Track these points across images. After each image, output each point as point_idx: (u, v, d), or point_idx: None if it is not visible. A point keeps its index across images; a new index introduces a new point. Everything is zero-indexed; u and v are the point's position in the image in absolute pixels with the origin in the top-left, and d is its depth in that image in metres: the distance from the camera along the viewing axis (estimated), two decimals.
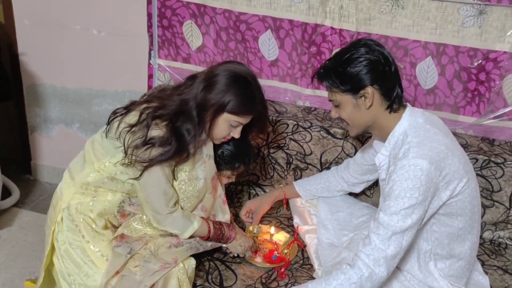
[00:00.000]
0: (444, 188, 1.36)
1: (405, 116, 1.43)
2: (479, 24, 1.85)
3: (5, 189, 2.50)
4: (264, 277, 1.62)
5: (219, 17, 2.08)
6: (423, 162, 1.31)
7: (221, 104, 1.50)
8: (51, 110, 2.55)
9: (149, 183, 1.50)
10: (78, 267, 1.54)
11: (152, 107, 1.51)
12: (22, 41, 2.43)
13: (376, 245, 1.32)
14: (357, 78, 1.39)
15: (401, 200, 1.31)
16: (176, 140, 1.49)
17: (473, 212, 1.44)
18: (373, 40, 1.45)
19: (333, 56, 1.48)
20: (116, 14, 2.26)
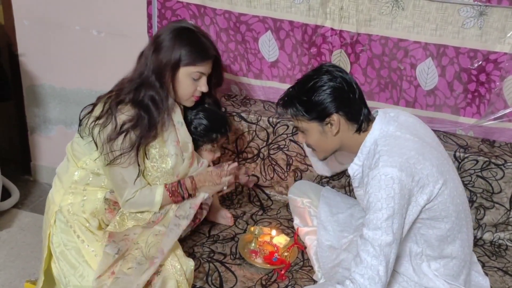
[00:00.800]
0: (419, 192, 1.36)
1: (375, 126, 1.44)
2: (479, 25, 1.85)
3: (4, 190, 2.49)
4: (264, 279, 1.62)
5: (219, 18, 2.08)
6: (393, 170, 1.32)
7: (174, 60, 1.51)
8: (51, 110, 2.55)
9: (115, 171, 1.52)
10: (73, 268, 1.55)
11: (113, 95, 1.54)
12: (21, 41, 2.42)
13: (368, 263, 1.32)
14: (322, 107, 1.41)
15: (380, 212, 1.32)
16: (145, 112, 1.50)
17: (457, 211, 1.43)
18: (335, 66, 1.46)
19: (296, 83, 1.49)
20: (116, 15, 2.25)
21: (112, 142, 1.48)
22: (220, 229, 1.83)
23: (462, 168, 1.88)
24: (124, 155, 1.48)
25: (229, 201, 2.02)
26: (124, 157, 1.49)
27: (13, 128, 2.70)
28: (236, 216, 1.92)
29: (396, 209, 1.31)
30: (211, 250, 1.72)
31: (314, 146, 1.51)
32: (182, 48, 1.51)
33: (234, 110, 2.03)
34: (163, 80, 1.51)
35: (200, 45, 1.54)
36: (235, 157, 2.06)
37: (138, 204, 1.57)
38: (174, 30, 1.54)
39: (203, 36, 1.58)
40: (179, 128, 1.60)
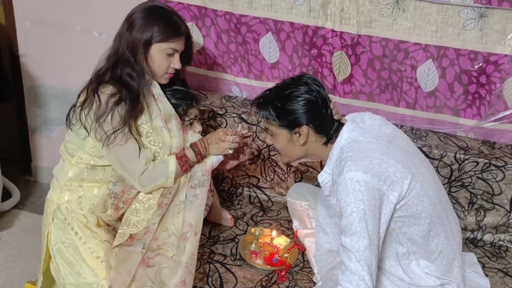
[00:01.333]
0: (389, 190, 1.37)
1: (341, 135, 1.47)
2: (479, 27, 1.85)
3: (5, 190, 2.50)
4: (264, 280, 1.62)
5: (220, 19, 2.08)
6: (357, 174, 1.34)
7: (147, 36, 1.55)
8: (52, 111, 2.55)
9: (117, 150, 1.52)
10: (70, 265, 1.56)
11: (92, 78, 1.58)
12: (22, 42, 2.43)
13: (352, 269, 1.33)
14: (294, 116, 1.45)
15: (351, 217, 1.33)
16: (125, 87, 1.53)
17: (433, 203, 1.44)
18: (314, 79, 1.48)
19: (274, 88, 1.52)
20: (117, 16, 2.23)
21: (101, 122, 1.50)
22: (221, 230, 1.84)
23: (462, 170, 1.88)
24: (118, 132, 1.50)
25: (229, 202, 2.03)
26: (119, 135, 1.50)
27: (14, 129, 2.70)
28: (237, 217, 1.92)
29: (367, 210, 1.33)
30: (212, 251, 1.72)
31: (280, 151, 1.56)
32: (154, 25, 1.55)
33: (235, 111, 2.03)
34: (137, 57, 1.55)
35: (172, 22, 1.59)
36: None
37: (154, 176, 1.56)
38: (147, 8, 1.59)
39: (175, 14, 1.62)
40: (162, 100, 1.62)
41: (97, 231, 1.59)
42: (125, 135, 1.51)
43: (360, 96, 2.08)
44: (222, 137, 1.61)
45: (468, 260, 1.73)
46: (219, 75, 2.21)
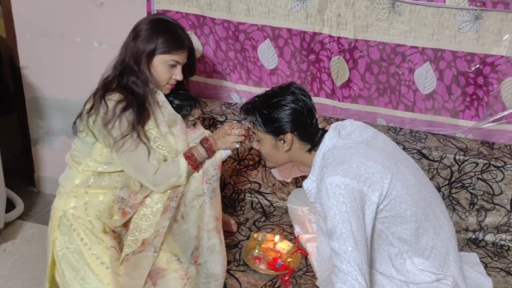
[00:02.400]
0: (370, 190, 1.39)
1: (324, 142, 1.51)
2: (475, 29, 1.87)
3: (9, 201, 2.51)
4: (268, 285, 1.63)
5: (218, 27, 2.10)
6: (336, 178, 1.38)
7: (150, 48, 1.59)
8: (53, 122, 2.57)
9: (127, 155, 1.55)
10: (74, 271, 1.57)
11: (99, 86, 1.62)
12: (23, 54, 2.45)
13: (345, 270, 1.34)
14: (279, 124, 1.49)
15: (334, 220, 1.36)
16: (130, 94, 1.57)
17: (416, 200, 1.45)
18: (302, 89, 1.52)
19: (262, 95, 1.56)
20: (116, 26, 2.27)
21: (110, 128, 1.53)
22: (224, 237, 1.84)
23: (462, 171, 1.89)
24: (126, 137, 1.53)
25: (231, 208, 2.04)
26: (128, 140, 1.53)
27: (16, 140, 2.72)
28: (239, 223, 1.93)
29: (350, 212, 1.35)
30: None
31: (265, 156, 1.60)
32: (159, 36, 1.59)
33: (235, 118, 2.05)
34: (141, 66, 1.59)
35: (176, 35, 1.63)
36: (237, 165, 2.08)
37: (166, 175, 1.58)
38: (152, 20, 1.64)
39: (179, 27, 1.66)
40: (166, 107, 1.65)
41: (103, 237, 1.61)
42: (134, 140, 1.54)
43: (359, 100, 2.10)
44: (228, 131, 1.64)
45: (470, 260, 1.74)
46: (218, 83, 2.23)
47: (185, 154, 1.60)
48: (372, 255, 1.49)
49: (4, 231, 2.39)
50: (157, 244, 1.57)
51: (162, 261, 1.55)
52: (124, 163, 1.58)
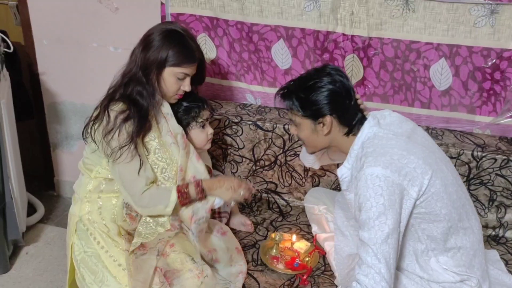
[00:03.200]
0: (410, 185, 1.37)
1: (363, 130, 1.48)
2: (491, 24, 1.85)
3: (30, 205, 2.56)
4: (286, 284, 1.63)
5: (231, 29, 2.11)
6: (377, 169, 1.36)
7: (160, 59, 1.58)
8: (72, 126, 2.61)
9: (120, 167, 1.54)
10: (93, 274, 1.60)
11: (106, 95, 1.62)
12: (41, 60, 2.50)
13: (369, 262, 1.34)
14: (318, 107, 1.46)
15: (370, 211, 1.35)
16: (134, 105, 1.56)
17: (452, 200, 1.44)
18: (338, 70, 1.49)
19: (297, 79, 1.53)
20: (131, 31, 2.29)
21: (109, 139, 1.53)
22: (241, 237, 1.86)
23: (480, 167, 1.87)
24: (124, 148, 1.52)
25: (248, 208, 2.05)
26: (124, 152, 1.53)
27: (36, 145, 2.77)
28: (256, 223, 1.94)
29: (387, 205, 1.34)
30: None
31: (304, 141, 1.57)
32: (169, 49, 1.58)
33: (250, 118, 2.06)
34: (149, 77, 1.59)
35: (187, 48, 1.61)
36: (253, 165, 2.09)
37: (154, 199, 1.56)
38: (164, 31, 1.61)
39: (190, 39, 1.64)
40: (169, 119, 1.65)
41: (118, 240, 1.63)
42: (131, 152, 1.53)
43: (374, 98, 2.09)
44: (235, 187, 1.62)
45: (491, 257, 1.72)
46: (233, 84, 2.25)
47: (179, 188, 1.58)
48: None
49: (26, 235, 2.44)
50: (160, 248, 1.57)
51: (176, 262, 1.56)
52: (116, 175, 1.58)
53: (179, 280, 1.51)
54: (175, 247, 1.60)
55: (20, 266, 2.28)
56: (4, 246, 2.22)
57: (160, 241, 1.60)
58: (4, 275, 2.22)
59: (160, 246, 1.58)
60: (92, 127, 1.58)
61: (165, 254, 1.58)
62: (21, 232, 2.31)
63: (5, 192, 2.16)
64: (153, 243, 1.60)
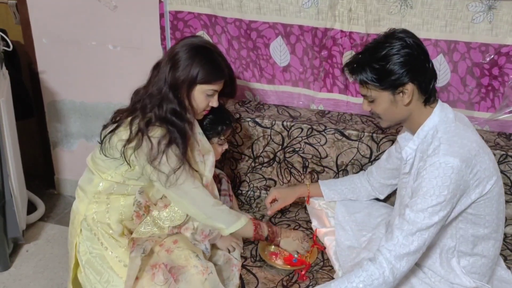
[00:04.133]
0: (474, 186, 1.36)
1: (436, 111, 1.43)
2: (489, 19, 1.85)
3: (30, 204, 2.58)
4: (285, 280, 1.64)
5: (230, 26, 2.12)
6: (454, 160, 1.31)
7: (191, 78, 1.56)
8: (72, 125, 2.62)
9: (185, 187, 1.56)
10: (99, 274, 1.60)
11: (137, 115, 1.57)
12: (41, 59, 2.50)
13: (399, 241, 1.32)
14: (397, 76, 1.36)
15: (429, 198, 1.32)
16: (172, 126, 1.55)
17: (499, 210, 1.43)
18: (406, 32, 1.40)
19: (366, 50, 1.43)
20: (130, 29, 2.31)
21: (157, 165, 1.52)
22: None
23: None
24: (179, 170, 1.53)
25: (247, 205, 2.05)
26: (182, 173, 1.53)
27: (36, 144, 2.78)
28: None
29: (448, 198, 1.31)
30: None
31: (381, 115, 1.46)
32: (200, 67, 1.56)
33: (249, 115, 2.06)
34: (179, 95, 1.58)
35: (216, 65, 1.60)
36: (252, 162, 2.09)
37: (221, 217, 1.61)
38: (192, 49, 1.58)
39: (218, 54, 1.63)
40: (201, 139, 1.67)
41: (121, 240, 1.63)
42: (187, 173, 1.55)
43: None
44: (301, 239, 1.72)
45: None
46: None
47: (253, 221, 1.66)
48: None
49: (26, 232, 2.45)
50: (147, 247, 1.57)
51: (181, 259, 1.56)
52: (181, 197, 1.58)
53: (185, 276, 1.52)
54: (179, 244, 1.61)
55: (20, 264, 2.29)
56: (4, 243, 2.23)
57: (149, 240, 1.60)
58: (4, 272, 2.23)
59: (147, 244, 1.57)
60: (127, 150, 1.55)
61: (169, 250, 1.58)
62: (21, 230, 2.32)
63: (5, 190, 2.17)
64: (141, 240, 1.60)
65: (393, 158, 1.73)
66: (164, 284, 1.50)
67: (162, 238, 1.62)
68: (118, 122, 1.61)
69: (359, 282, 1.34)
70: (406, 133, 1.58)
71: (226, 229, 1.60)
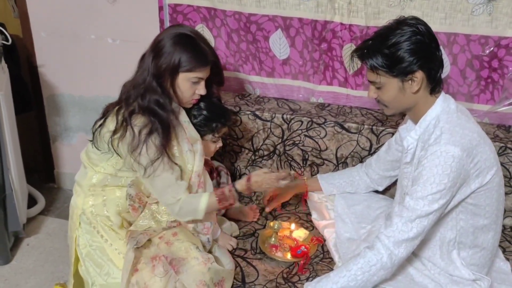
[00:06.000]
0: (474, 176, 1.37)
1: (438, 102, 1.43)
2: (488, 12, 1.85)
3: (30, 198, 2.58)
4: (285, 272, 1.64)
5: (229, 19, 2.11)
6: (455, 149, 1.32)
7: (173, 65, 1.54)
8: (71, 118, 2.62)
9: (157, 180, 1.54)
10: (99, 267, 1.61)
11: (122, 105, 1.58)
12: (40, 53, 2.50)
13: (398, 227, 1.34)
14: (408, 63, 1.36)
15: (429, 186, 1.33)
16: (154, 117, 1.53)
17: (499, 201, 1.44)
18: (417, 19, 1.40)
19: (377, 36, 1.42)
20: (129, 22, 2.31)
21: (136, 155, 1.52)
22: (240, 226, 1.87)
23: None
24: (157, 162, 1.52)
25: (247, 198, 2.06)
26: (160, 165, 1.52)
27: (36, 138, 2.78)
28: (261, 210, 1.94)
29: (448, 186, 1.32)
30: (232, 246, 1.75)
31: (387, 102, 1.46)
32: (181, 54, 1.54)
33: (248, 108, 2.06)
34: (163, 84, 1.56)
35: (199, 51, 1.57)
36: (252, 155, 2.09)
37: (184, 212, 1.58)
38: (175, 37, 1.56)
39: (202, 41, 1.60)
40: (187, 127, 1.65)
41: (121, 232, 1.65)
42: (165, 165, 1.53)
43: None
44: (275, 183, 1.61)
45: None
46: (231, 74, 2.25)
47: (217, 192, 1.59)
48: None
49: (27, 226, 2.45)
50: (140, 240, 1.57)
51: (181, 251, 1.57)
52: (151, 188, 1.58)
53: (185, 268, 1.52)
54: (179, 236, 1.61)
55: (21, 257, 2.30)
56: (5, 237, 2.24)
57: (143, 233, 1.60)
58: (6, 266, 2.24)
59: (140, 238, 1.57)
60: (113, 141, 1.55)
61: (169, 243, 1.59)
62: (22, 223, 2.33)
63: (5, 184, 2.17)
64: (136, 233, 1.61)
65: (393, 150, 1.73)
66: (164, 276, 1.50)
67: (157, 232, 1.62)
68: (106, 115, 1.62)
69: (357, 270, 1.36)
70: (407, 124, 1.59)
71: (195, 216, 1.58)
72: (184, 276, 1.51)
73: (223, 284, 1.55)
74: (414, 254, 1.53)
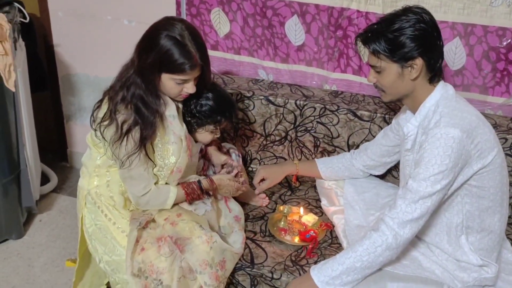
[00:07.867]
0: (476, 157, 1.38)
1: (437, 89, 1.46)
2: (508, 3, 1.83)
3: (43, 176, 2.62)
4: (293, 255, 1.67)
5: (246, 3, 2.11)
6: (455, 131, 1.34)
7: (155, 65, 1.50)
8: (85, 99, 2.65)
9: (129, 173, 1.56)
10: (104, 245, 1.65)
11: (112, 94, 1.57)
12: (56, 32, 2.52)
13: (402, 209, 1.36)
14: (409, 49, 1.39)
15: (431, 167, 1.35)
16: (136, 113, 1.52)
17: (502, 183, 1.46)
18: (423, 9, 1.43)
19: (381, 21, 1.45)
20: (145, 4, 2.32)
21: (116, 147, 1.53)
22: (250, 209, 1.89)
23: None
24: (133, 157, 1.52)
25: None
26: (135, 159, 1.53)
27: (50, 117, 2.81)
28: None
29: (450, 167, 1.34)
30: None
31: (385, 88, 1.49)
32: (164, 57, 1.48)
33: (262, 93, 2.07)
34: (148, 80, 1.53)
35: (185, 56, 1.49)
36: (263, 140, 2.10)
37: (151, 204, 1.62)
38: (165, 36, 1.49)
39: (193, 42, 1.50)
40: (172, 122, 1.61)
41: (124, 212, 1.68)
42: (141, 159, 1.54)
43: None
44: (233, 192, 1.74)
45: None
46: (245, 59, 2.25)
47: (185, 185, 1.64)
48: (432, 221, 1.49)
49: (40, 203, 2.49)
50: (143, 221, 1.60)
51: (185, 231, 1.59)
52: (124, 179, 1.60)
53: (190, 246, 1.55)
54: (183, 216, 1.63)
55: (34, 233, 2.34)
56: (18, 212, 2.28)
57: (146, 214, 1.63)
58: (18, 240, 2.29)
59: (142, 219, 1.61)
60: (101, 128, 1.55)
61: (174, 223, 1.61)
62: (35, 200, 2.37)
63: (20, 160, 2.21)
64: (138, 214, 1.64)
65: (390, 137, 1.75)
66: (170, 256, 1.53)
67: (154, 215, 1.65)
68: (103, 98, 1.62)
69: (363, 251, 1.38)
70: (406, 114, 1.61)
71: (163, 207, 1.63)
72: (189, 255, 1.54)
73: (224, 265, 1.57)
74: (422, 240, 1.54)
